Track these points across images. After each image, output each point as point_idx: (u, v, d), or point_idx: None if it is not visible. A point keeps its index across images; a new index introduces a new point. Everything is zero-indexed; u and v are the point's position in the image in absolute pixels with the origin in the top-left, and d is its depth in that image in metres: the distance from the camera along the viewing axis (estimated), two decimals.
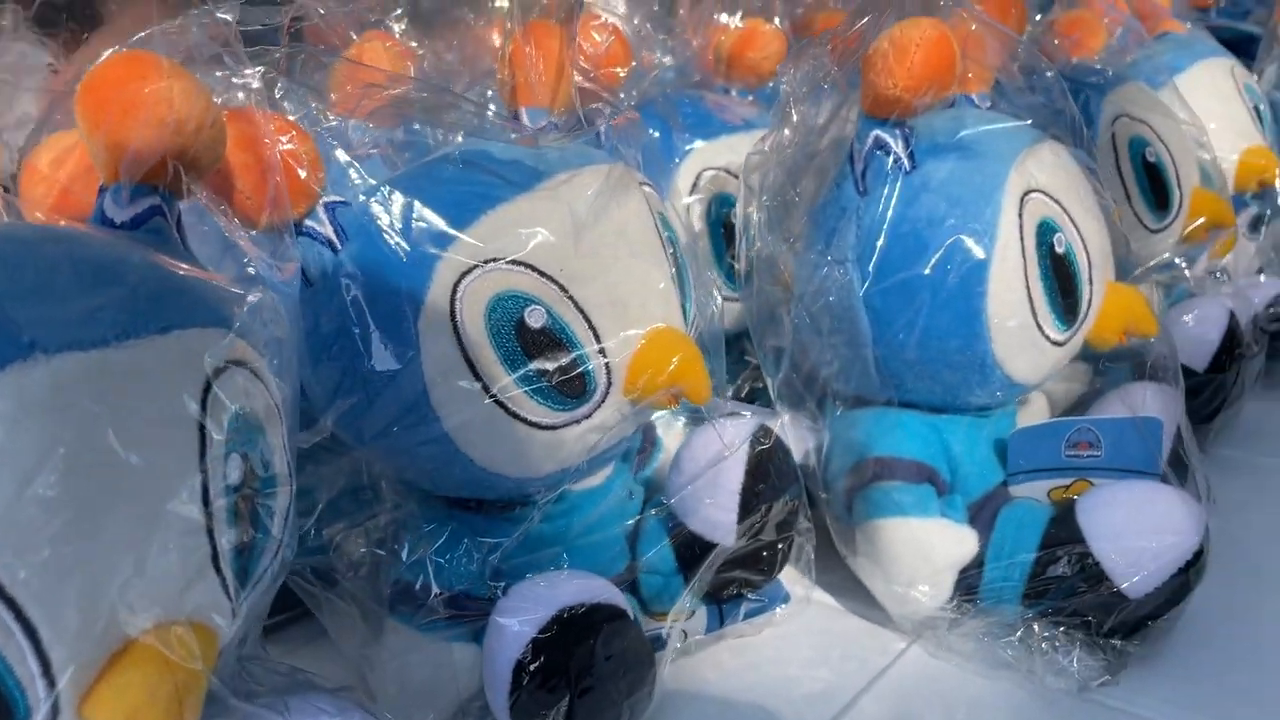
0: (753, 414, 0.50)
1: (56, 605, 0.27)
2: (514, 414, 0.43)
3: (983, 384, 0.52)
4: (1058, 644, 0.50)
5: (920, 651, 0.54)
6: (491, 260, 0.42)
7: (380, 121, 0.49)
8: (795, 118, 0.51)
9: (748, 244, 0.55)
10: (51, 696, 0.27)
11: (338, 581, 0.47)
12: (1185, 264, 0.74)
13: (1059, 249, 0.51)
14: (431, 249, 0.42)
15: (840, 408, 0.56)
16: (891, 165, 0.51)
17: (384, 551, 0.46)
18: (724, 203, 0.62)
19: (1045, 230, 0.51)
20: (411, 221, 0.42)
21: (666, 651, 0.49)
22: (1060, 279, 0.51)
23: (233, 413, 0.31)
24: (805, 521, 0.53)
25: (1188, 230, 0.72)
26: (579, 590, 0.43)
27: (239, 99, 0.40)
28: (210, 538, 0.30)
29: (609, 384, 0.45)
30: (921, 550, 0.52)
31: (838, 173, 0.52)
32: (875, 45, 0.49)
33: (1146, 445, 0.52)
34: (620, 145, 0.49)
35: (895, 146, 0.51)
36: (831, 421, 0.56)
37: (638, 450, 0.55)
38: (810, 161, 0.53)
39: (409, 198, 0.42)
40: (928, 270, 0.50)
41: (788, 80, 0.51)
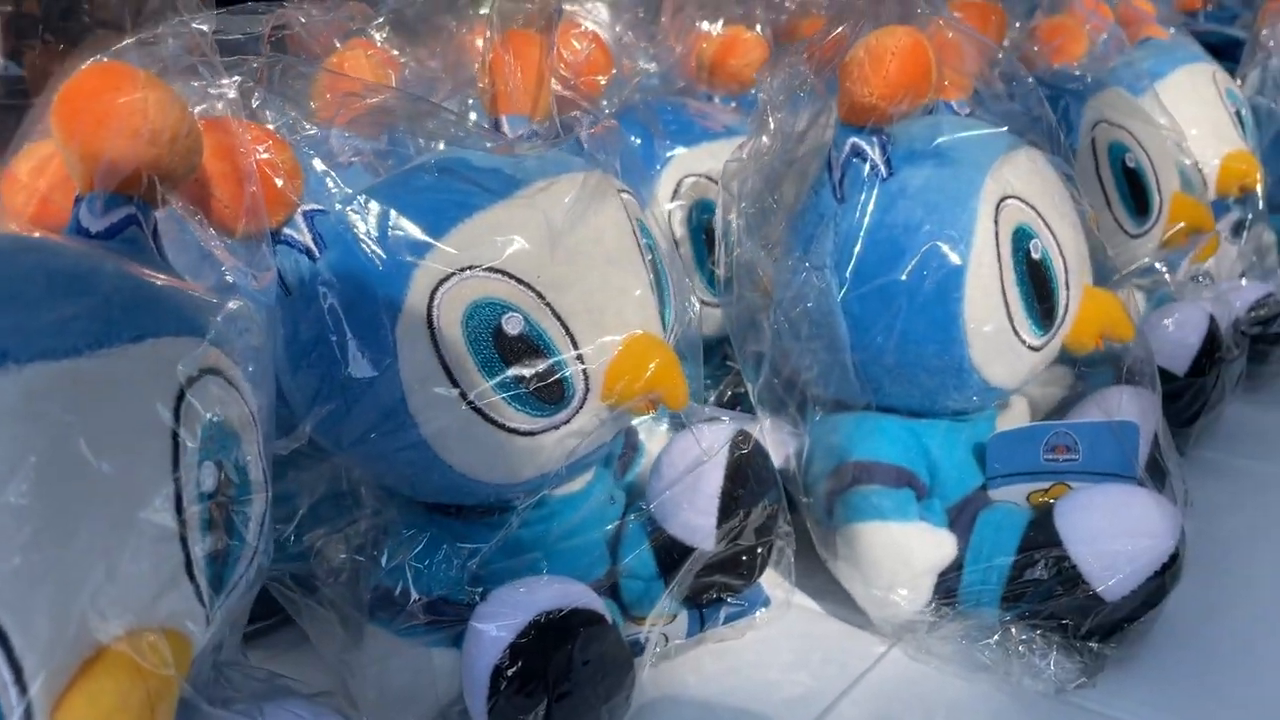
0: (731, 419, 0.51)
1: (28, 612, 0.27)
2: (492, 420, 0.43)
3: (960, 388, 0.53)
4: (1035, 647, 0.50)
5: (900, 654, 0.54)
6: (468, 268, 0.42)
7: (362, 129, 0.50)
8: (773, 125, 0.52)
9: (727, 250, 0.55)
10: (23, 703, 0.27)
11: (318, 588, 0.47)
12: (1166, 268, 0.74)
13: (1035, 254, 0.52)
14: (409, 257, 0.42)
15: (820, 412, 0.56)
16: (868, 172, 0.51)
17: (364, 557, 0.47)
18: (705, 209, 0.63)
19: (1021, 236, 0.51)
20: (388, 230, 0.42)
21: (645, 655, 0.49)
22: (1036, 284, 0.52)
23: (206, 421, 0.32)
24: (785, 525, 0.53)
25: (1168, 235, 0.72)
26: (557, 595, 0.43)
27: (217, 109, 0.40)
28: (183, 545, 0.30)
29: (587, 390, 0.45)
30: (900, 554, 0.52)
31: (816, 179, 0.53)
32: (851, 54, 0.50)
33: (1123, 449, 0.52)
34: (598, 153, 0.49)
35: (872, 154, 0.51)
36: (812, 426, 0.56)
37: (619, 455, 0.55)
38: (789, 168, 0.53)
39: (386, 206, 0.42)
40: (904, 276, 0.50)
41: (765, 88, 0.52)
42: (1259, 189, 0.85)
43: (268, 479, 0.36)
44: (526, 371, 0.43)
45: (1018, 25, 0.78)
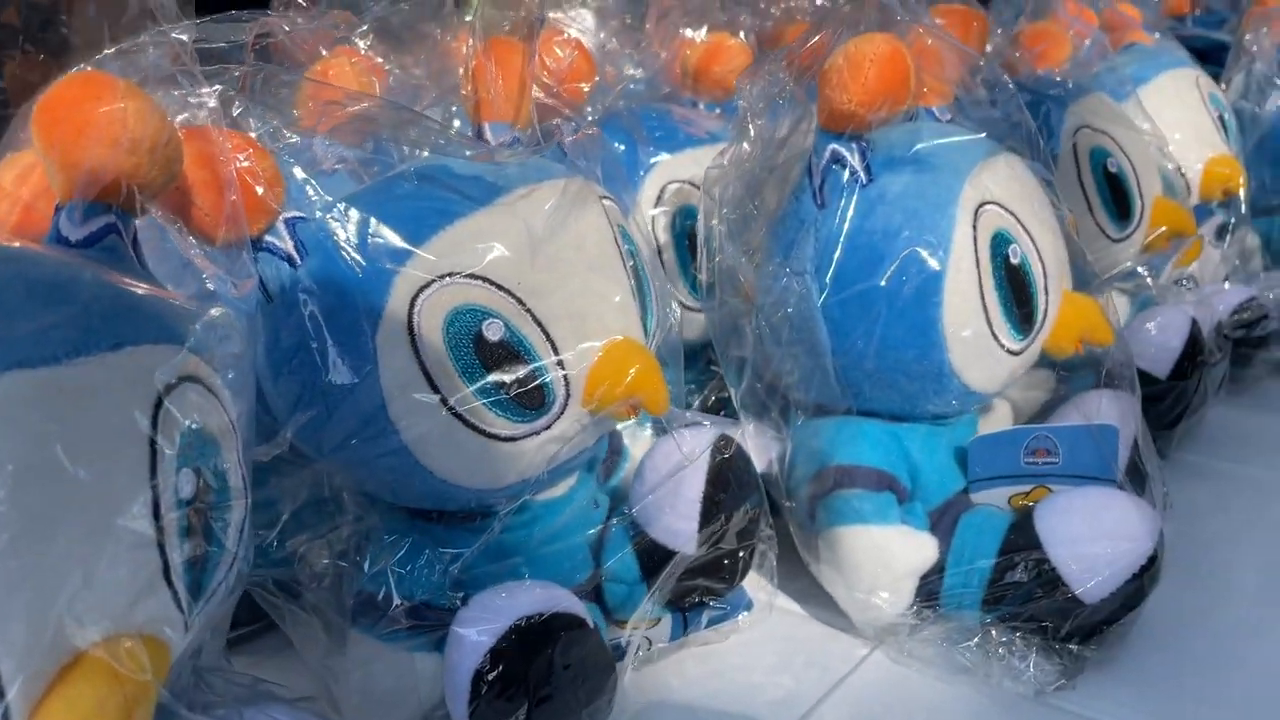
0: (713, 424, 0.51)
1: (5, 619, 0.27)
2: (473, 426, 0.44)
3: (940, 393, 0.53)
4: (1014, 649, 0.50)
5: (882, 657, 0.54)
6: (449, 275, 0.43)
7: (345, 137, 0.50)
8: (753, 132, 0.52)
9: (709, 256, 0.56)
10: (1, 708, 0.27)
11: (300, 593, 0.47)
12: (1148, 272, 0.75)
13: (1014, 260, 0.52)
14: (389, 264, 0.42)
15: (802, 417, 0.57)
16: (848, 178, 0.52)
17: (346, 563, 0.47)
18: (689, 215, 0.63)
19: (1000, 241, 0.52)
20: (369, 237, 0.42)
21: (627, 659, 0.49)
22: (1015, 289, 0.52)
23: (185, 428, 0.32)
24: (767, 529, 0.53)
25: (1149, 239, 0.73)
26: (538, 600, 0.43)
27: (199, 118, 0.40)
28: (161, 552, 0.31)
29: (568, 395, 0.45)
30: (882, 557, 0.53)
31: (796, 185, 0.53)
32: (830, 61, 0.50)
33: (1101, 452, 0.53)
34: (580, 159, 0.50)
35: (852, 160, 0.52)
36: (794, 430, 0.57)
37: (603, 460, 0.55)
38: (770, 175, 0.53)
39: (367, 214, 0.43)
40: (884, 281, 0.51)
41: (745, 95, 0.52)
42: (1242, 193, 0.86)
43: (247, 485, 0.36)
44: (507, 377, 0.44)
45: (999, 31, 0.79)
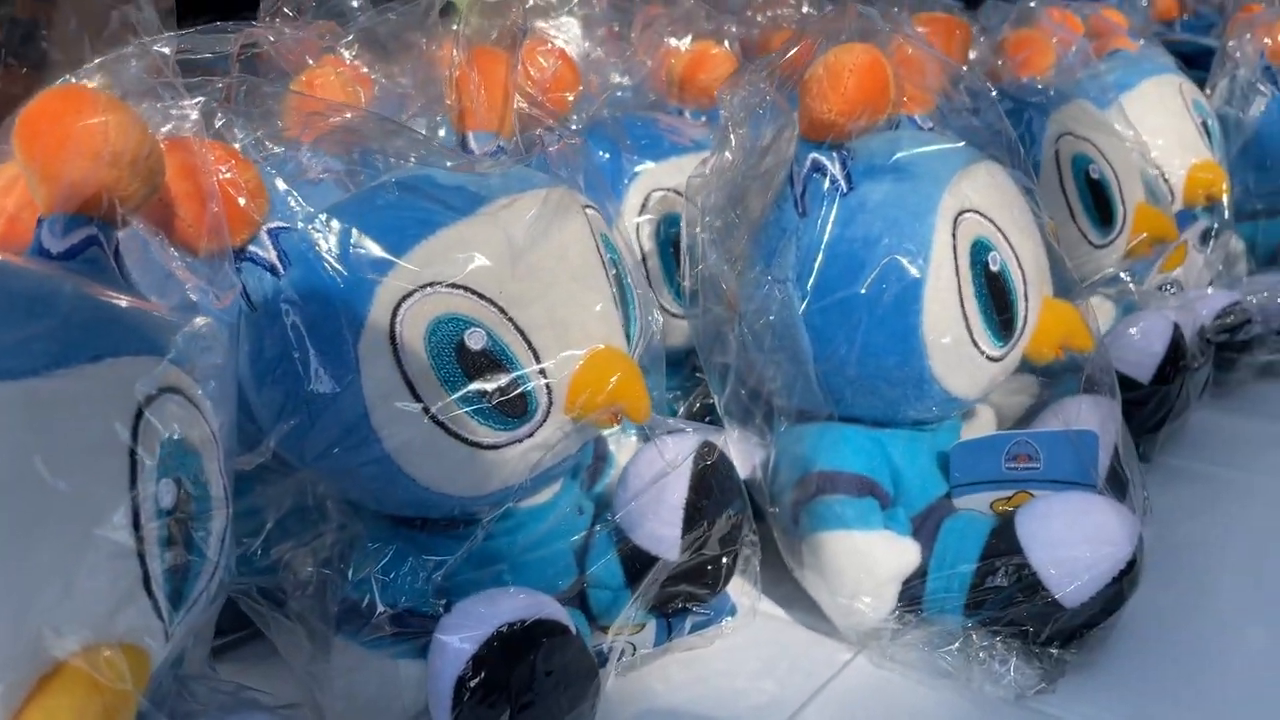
0: (696, 431, 0.51)
1: None
2: (455, 434, 0.44)
3: (921, 399, 0.53)
4: (995, 653, 0.51)
5: (865, 662, 0.54)
6: (431, 284, 0.43)
7: (331, 147, 0.50)
8: (734, 141, 0.53)
9: (693, 264, 0.56)
10: None
11: (285, 601, 0.47)
12: (1132, 278, 0.75)
13: (993, 267, 0.52)
14: (371, 274, 0.42)
15: (786, 423, 0.57)
16: (829, 187, 0.52)
17: (331, 570, 0.47)
18: (673, 223, 0.63)
19: (979, 249, 0.52)
20: (350, 248, 0.43)
21: (610, 665, 0.49)
22: (995, 296, 0.53)
23: (165, 438, 0.32)
24: (750, 535, 0.54)
25: (1132, 245, 0.73)
26: (520, 607, 0.44)
27: (184, 129, 0.41)
28: (141, 561, 0.31)
29: (550, 403, 0.46)
30: (864, 562, 0.53)
31: (778, 194, 0.54)
32: (811, 71, 0.50)
33: (1082, 457, 0.53)
34: (562, 169, 0.50)
35: (832, 168, 0.52)
36: (778, 436, 0.57)
37: (588, 466, 0.56)
38: (752, 183, 0.54)
39: (349, 224, 0.43)
40: (864, 289, 0.51)
41: (726, 105, 0.53)
42: (1225, 199, 0.86)
43: (228, 495, 0.36)
44: (489, 386, 0.44)
45: (983, 40, 0.79)
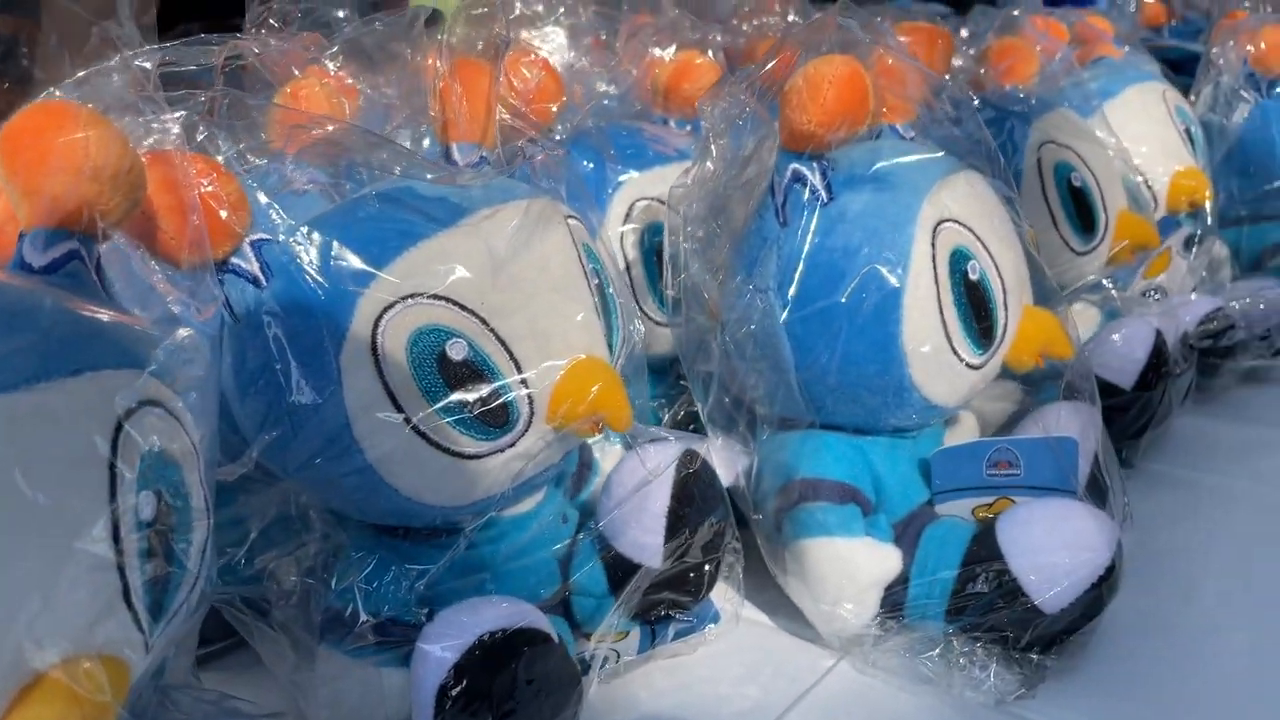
0: (678, 439, 0.52)
1: None
2: (437, 444, 0.44)
3: (901, 406, 0.54)
4: (975, 659, 0.51)
5: (848, 668, 0.55)
6: (412, 296, 0.43)
7: (316, 159, 0.51)
8: (715, 152, 0.53)
9: (675, 273, 0.57)
10: None
11: (269, 610, 0.48)
12: (1113, 285, 0.76)
13: (973, 276, 0.53)
14: (352, 286, 0.43)
15: (769, 431, 0.57)
16: (809, 197, 0.53)
17: (314, 580, 0.47)
18: (657, 231, 0.64)
19: (958, 258, 0.53)
20: (332, 260, 0.43)
21: (593, 673, 0.50)
22: (974, 305, 0.53)
23: (145, 451, 0.32)
24: (734, 542, 0.54)
25: (1114, 251, 0.74)
26: (502, 615, 0.44)
27: (166, 143, 0.41)
28: (121, 573, 0.31)
29: (532, 413, 0.46)
30: (846, 569, 0.53)
31: (760, 204, 0.54)
32: (790, 82, 0.51)
33: (1061, 464, 0.54)
34: (545, 180, 0.50)
35: (813, 179, 0.53)
36: (761, 444, 0.57)
37: (573, 474, 0.56)
38: (734, 193, 0.54)
39: (330, 236, 0.43)
40: (844, 298, 0.52)
41: (707, 117, 0.53)
42: (1208, 205, 0.87)
43: (209, 507, 0.36)
44: (471, 396, 0.44)
45: (971, 51, 0.80)
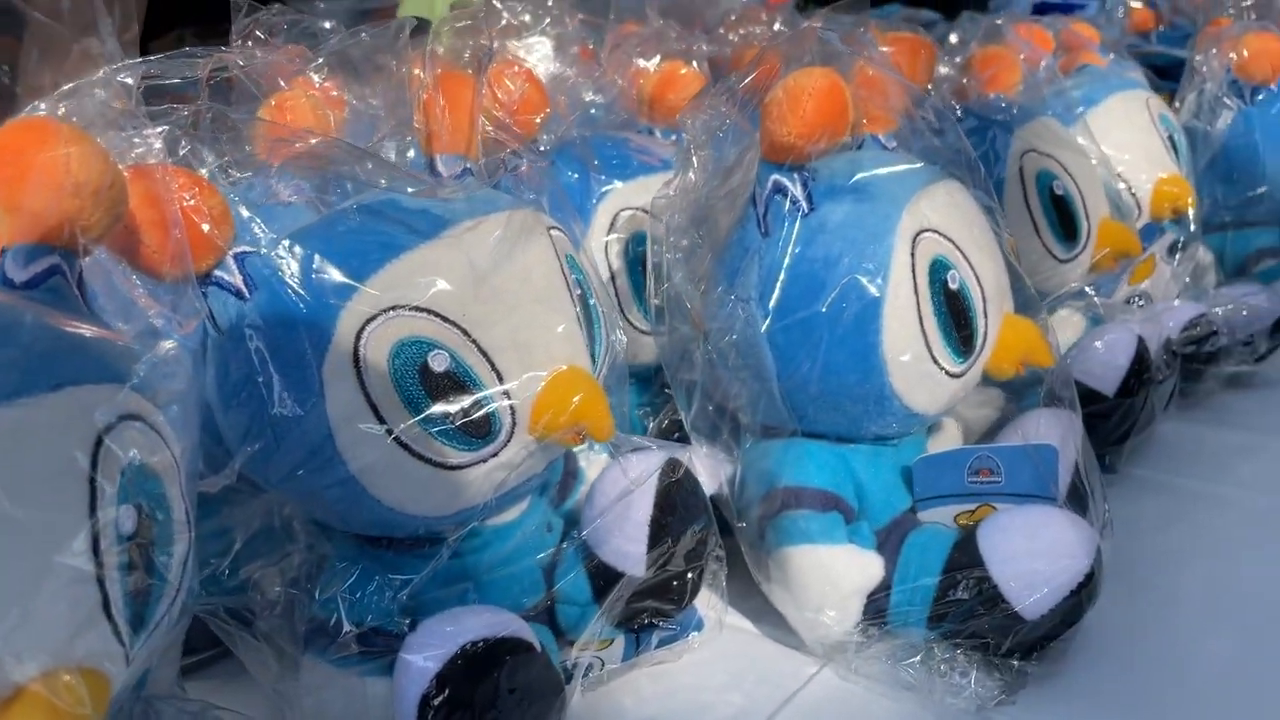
0: (660, 448, 0.52)
1: None
2: (419, 455, 0.44)
3: (882, 415, 0.54)
4: (956, 665, 0.52)
5: (830, 674, 0.55)
6: (394, 308, 0.44)
7: (300, 171, 0.51)
8: (696, 163, 0.53)
9: (659, 283, 0.57)
10: None
11: (253, 620, 0.48)
12: (1095, 292, 0.76)
13: (952, 285, 0.53)
14: (334, 299, 0.43)
15: (752, 439, 0.58)
16: (790, 208, 0.53)
17: (298, 590, 0.48)
18: (641, 241, 0.64)
19: (938, 268, 0.53)
20: (314, 272, 0.43)
21: (575, 681, 0.50)
22: (954, 314, 0.53)
23: (125, 465, 0.33)
24: (717, 550, 0.54)
25: (1096, 259, 0.74)
26: (484, 625, 0.44)
27: (149, 158, 0.41)
28: (101, 586, 0.31)
29: (514, 424, 0.46)
30: (828, 576, 0.54)
31: (742, 214, 0.55)
32: (771, 94, 0.51)
33: (1041, 471, 0.54)
34: (527, 191, 0.51)
35: (794, 189, 0.53)
36: (744, 452, 0.58)
37: (558, 482, 0.56)
38: (716, 203, 0.55)
39: (312, 249, 0.44)
40: (825, 308, 0.52)
41: (688, 129, 0.53)
42: (1192, 212, 0.87)
43: (191, 519, 0.37)
44: (453, 407, 0.45)
45: (957, 59, 0.80)
